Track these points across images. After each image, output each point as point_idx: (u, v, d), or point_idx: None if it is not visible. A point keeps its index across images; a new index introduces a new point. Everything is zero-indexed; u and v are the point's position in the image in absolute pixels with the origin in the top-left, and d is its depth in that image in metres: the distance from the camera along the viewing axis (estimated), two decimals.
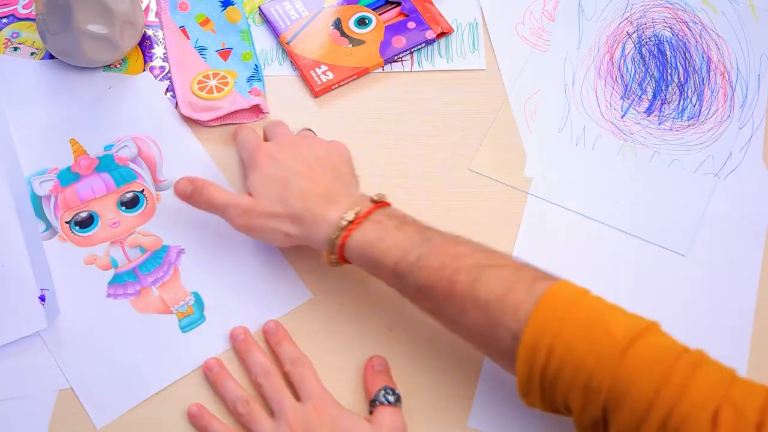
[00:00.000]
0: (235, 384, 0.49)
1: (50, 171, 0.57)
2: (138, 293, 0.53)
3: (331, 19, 0.66)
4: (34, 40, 0.65)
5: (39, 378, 0.50)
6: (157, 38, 0.65)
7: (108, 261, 0.54)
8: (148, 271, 0.54)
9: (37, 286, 0.52)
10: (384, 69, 0.64)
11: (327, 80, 0.63)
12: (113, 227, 0.55)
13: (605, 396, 0.38)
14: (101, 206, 0.56)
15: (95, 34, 0.59)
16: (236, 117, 0.61)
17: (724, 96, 0.62)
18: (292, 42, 0.65)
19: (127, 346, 0.52)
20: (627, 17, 0.66)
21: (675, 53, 0.64)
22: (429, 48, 0.66)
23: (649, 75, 0.64)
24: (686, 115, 0.62)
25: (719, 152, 0.60)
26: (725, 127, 0.61)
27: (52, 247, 0.55)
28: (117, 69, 0.63)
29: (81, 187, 0.57)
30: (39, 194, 0.56)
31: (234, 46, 0.64)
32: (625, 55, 0.65)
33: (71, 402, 0.50)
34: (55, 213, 0.56)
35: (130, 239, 0.55)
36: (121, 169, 0.57)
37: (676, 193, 0.58)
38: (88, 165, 0.57)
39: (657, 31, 0.66)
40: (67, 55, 0.61)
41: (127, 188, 0.56)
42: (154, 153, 0.58)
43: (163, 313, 0.52)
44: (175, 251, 0.54)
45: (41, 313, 0.51)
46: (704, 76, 0.63)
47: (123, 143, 0.58)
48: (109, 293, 0.53)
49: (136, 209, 0.56)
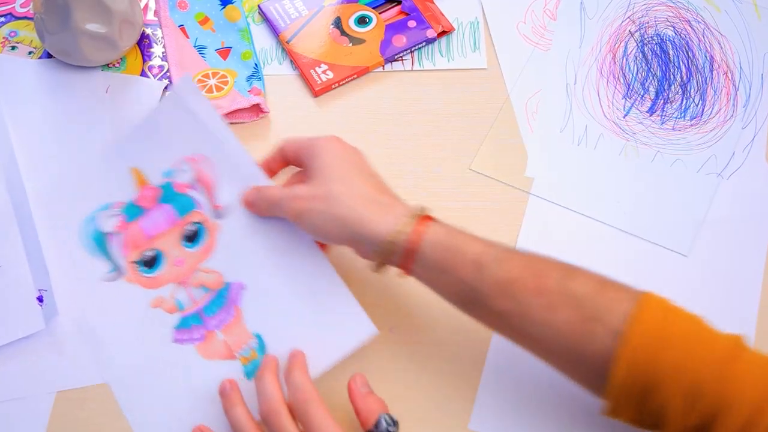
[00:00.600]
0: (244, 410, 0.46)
1: (115, 205, 0.54)
2: (203, 338, 0.51)
3: (331, 18, 0.66)
4: (32, 39, 0.64)
5: (37, 380, 0.50)
6: (156, 37, 0.65)
7: (174, 304, 0.52)
8: (213, 313, 0.51)
9: (35, 287, 0.52)
10: (384, 68, 0.64)
11: (327, 79, 0.62)
12: (178, 266, 0.52)
13: (710, 402, 0.37)
14: (166, 243, 0.53)
15: (94, 33, 0.58)
16: (236, 116, 0.61)
17: (727, 95, 0.62)
18: (291, 41, 0.65)
19: (193, 397, 0.49)
20: (629, 16, 0.66)
21: (678, 52, 0.64)
22: (430, 47, 0.65)
23: (652, 74, 0.63)
24: (689, 115, 0.61)
25: (722, 152, 0.60)
26: (728, 126, 0.61)
27: (119, 290, 0.52)
28: (115, 68, 0.63)
29: (146, 223, 0.53)
30: (104, 230, 0.54)
31: (233, 45, 0.64)
32: (627, 54, 0.64)
33: (69, 404, 0.50)
34: (123, 252, 0.53)
35: (194, 278, 0.52)
36: (181, 198, 0.53)
37: (678, 193, 0.58)
38: (153, 197, 0.54)
39: (659, 30, 0.65)
40: (65, 55, 0.60)
41: (188, 219, 0.53)
42: (209, 174, 0.53)
43: (227, 359, 0.50)
44: (237, 288, 0.51)
45: (39, 314, 0.51)
46: (707, 75, 0.63)
47: (180, 168, 0.54)
48: (176, 338, 0.51)
49: (197, 243, 0.52)
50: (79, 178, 0.56)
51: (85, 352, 0.51)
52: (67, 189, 0.56)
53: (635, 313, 0.39)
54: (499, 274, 0.42)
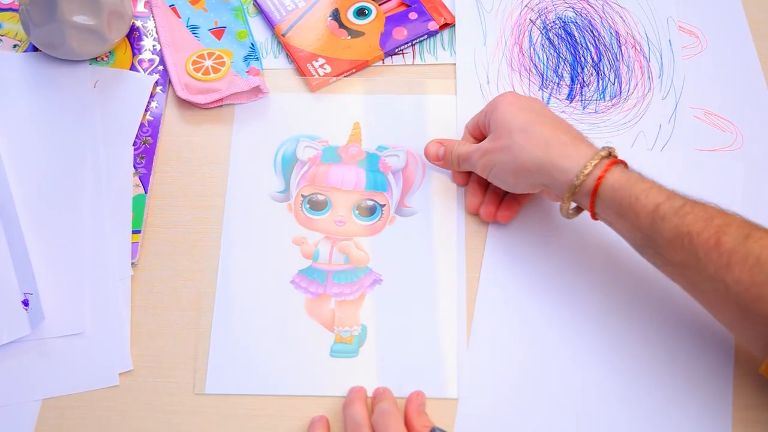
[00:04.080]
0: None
1: (320, 141, 0.58)
2: (317, 296, 0.52)
3: (328, 10, 0.65)
4: (17, 31, 0.64)
5: (22, 387, 0.50)
6: (146, 29, 0.64)
7: (312, 251, 0.54)
8: (339, 281, 0.53)
9: (20, 290, 0.51)
10: (384, 62, 0.63)
11: (324, 74, 0.61)
12: (338, 224, 0.55)
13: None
14: (340, 199, 0.55)
15: (81, 26, 0.58)
16: (235, 98, 0.60)
17: (640, 69, 0.61)
18: (287, 34, 0.63)
19: (274, 335, 0.51)
20: (526, 4, 0.65)
21: (583, 33, 0.63)
22: (431, 40, 0.64)
23: (562, 59, 0.62)
24: (608, 95, 0.60)
25: (649, 127, 0.58)
26: (648, 100, 0.60)
27: (276, 212, 0.55)
28: (104, 62, 0.62)
29: (335, 172, 0.56)
30: (298, 157, 0.57)
31: (227, 24, 0.63)
32: (533, 43, 0.63)
33: (55, 412, 0.49)
34: (300, 182, 0.56)
35: (344, 244, 0.54)
36: (379, 175, 0.56)
37: None
38: (355, 155, 0.57)
39: (559, 13, 0.64)
40: (51, 48, 0.60)
41: (372, 195, 0.56)
42: (417, 175, 0.56)
43: (325, 327, 0.51)
44: (373, 278, 0.53)
45: (25, 319, 0.50)
46: (616, 52, 0.62)
47: (396, 152, 0.57)
48: (293, 279, 0.53)
49: (367, 219, 0.55)
50: (5, 140, 0.57)
51: (72, 359, 0.50)
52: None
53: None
54: (678, 226, 0.43)
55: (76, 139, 0.58)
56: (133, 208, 0.55)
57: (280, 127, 0.59)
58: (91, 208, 0.55)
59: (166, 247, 0.55)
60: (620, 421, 0.48)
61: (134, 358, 0.51)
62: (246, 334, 0.51)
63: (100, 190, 0.56)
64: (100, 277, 0.53)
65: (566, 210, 0.48)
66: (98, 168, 0.57)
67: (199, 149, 0.59)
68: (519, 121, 0.49)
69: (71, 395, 0.50)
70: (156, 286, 0.53)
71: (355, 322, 0.51)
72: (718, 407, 0.48)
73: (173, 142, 0.59)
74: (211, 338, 0.51)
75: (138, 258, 0.54)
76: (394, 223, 0.55)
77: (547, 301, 0.51)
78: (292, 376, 0.50)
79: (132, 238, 0.54)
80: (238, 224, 0.55)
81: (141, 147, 0.58)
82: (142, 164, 0.57)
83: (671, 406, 0.48)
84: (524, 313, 0.51)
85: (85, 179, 0.56)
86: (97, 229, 0.54)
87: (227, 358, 0.50)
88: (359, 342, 0.51)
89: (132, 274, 0.53)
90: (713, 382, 0.48)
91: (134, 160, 0.57)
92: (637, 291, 0.51)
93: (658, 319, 0.50)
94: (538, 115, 0.49)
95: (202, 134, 0.59)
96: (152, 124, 0.59)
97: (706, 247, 0.42)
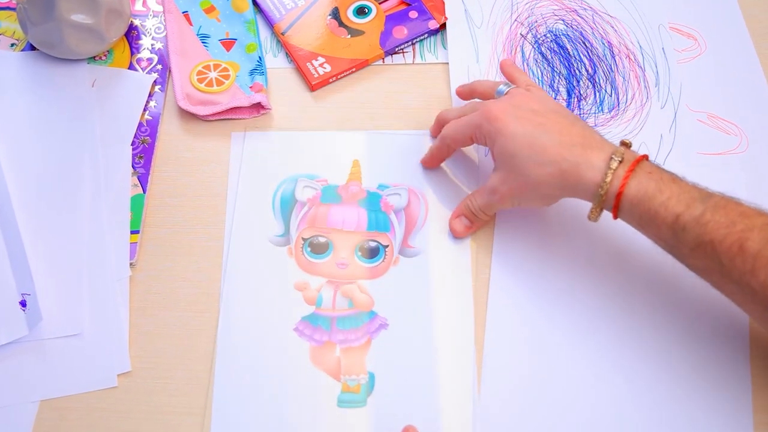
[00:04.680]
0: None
1: (319, 180, 0.56)
2: (322, 344, 0.50)
3: (328, 9, 0.65)
4: (14, 30, 0.63)
5: (20, 388, 0.49)
6: (145, 28, 0.64)
7: (315, 296, 0.52)
8: (344, 328, 0.51)
9: (17, 291, 0.51)
10: (384, 61, 0.63)
11: (324, 73, 0.61)
12: (340, 268, 0.53)
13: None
14: (341, 241, 0.53)
15: (79, 25, 0.58)
16: (235, 112, 0.60)
17: (636, 78, 0.61)
18: (287, 32, 0.63)
19: (278, 386, 0.49)
20: (516, 18, 0.64)
21: (575, 45, 0.62)
22: (432, 39, 0.64)
23: (557, 73, 0.61)
24: (606, 107, 0.60)
25: (650, 137, 0.58)
26: (647, 110, 0.59)
27: (278, 256, 0.53)
28: (102, 61, 0.62)
29: (336, 212, 0.54)
30: (297, 197, 0.55)
31: (238, 36, 0.63)
32: (526, 58, 0.62)
33: (53, 413, 0.49)
34: (300, 224, 0.54)
35: (347, 288, 0.52)
36: (381, 215, 0.54)
37: None
38: (356, 194, 0.55)
39: (550, 26, 0.64)
40: (49, 47, 0.59)
41: (374, 236, 0.54)
42: (420, 214, 0.55)
43: (331, 377, 0.49)
44: (379, 323, 0.51)
45: (22, 320, 0.50)
46: (611, 63, 0.61)
47: (398, 190, 0.55)
48: (297, 327, 0.51)
49: (370, 261, 0.53)
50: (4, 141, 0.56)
51: (70, 360, 0.50)
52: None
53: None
54: (699, 236, 0.43)
55: (74, 139, 0.58)
56: (132, 209, 0.55)
57: (277, 166, 0.57)
58: (89, 208, 0.55)
59: (164, 248, 0.54)
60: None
61: (133, 359, 0.50)
62: (250, 384, 0.49)
63: (99, 190, 0.55)
64: (98, 277, 0.52)
65: (595, 218, 0.48)
66: (96, 168, 0.56)
67: (198, 149, 0.58)
68: (525, 151, 0.47)
69: (69, 396, 0.49)
70: (155, 286, 0.53)
71: (362, 370, 0.50)
72: (738, 411, 0.47)
73: (172, 141, 0.59)
74: (214, 390, 0.49)
75: (136, 258, 0.54)
76: (398, 265, 0.53)
77: (560, 342, 0.50)
78: (298, 428, 0.48)
79: (130, 238, 0.54)
80: (237, 272, 0.53)
81: (139, 146, 0.58)
82: (141, 164, 0.57)
83: (691, 411, 0.47)
84: (536, 354, 0.49)
85: (83, 179, 0.56)
86: (95, 230, 0.54)
87: (231, 410, 0.49)
88: (367, 391, 0.49)
89: (130, 274, 0.53)
90: (732, 385, 0.48)
91: (132, 160, 0.57)
92: (652, 300, 0.50)
93: (673, 325, 0.50)
94: (539, 130, 0.47)
95: (201, 133, 0.59)
96: (150, 124, 0.59)
97: (729, 254, 0.42)
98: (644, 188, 0.44)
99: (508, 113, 0.49)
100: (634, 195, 0.45)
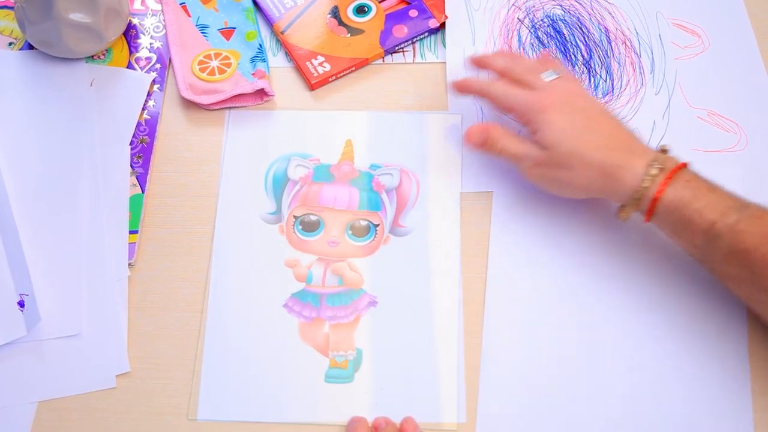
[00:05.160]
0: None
1: (312, 159, 0.57)
2: (311, 320, 0.51)
3: (328, 7, 0.64)
4: (12, 29, 0.63)
5: (18, 389, 0.49)
6: (144, 27, 0.64)
7: (305, 273, 0.53)
8: (333, 305, 0.52)
9: (16, 291, 0.51)
10: (384, 60, 0.63)
11: (324, 72, 0.61)
12: (331, 245, 0.53)
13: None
14: (332, 219, 0.54)
15: (78, 24, 0.57)
16: (239, 100, 0.60)
17: (632, 65, 0.61)
18: (286, 31, 0.63)
19: (267, 361, 0.50)
20: (513, 3, 0.64)
21: (572, 30, 0.63)
22: (432, 38, 0.64)
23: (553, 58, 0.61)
24: (600, 92, 0.60)
25: (643, 123, 0.58)
26: (641, 96, 0.60)
27: (267, 234, 0.54)
28: (101, 60, 0.62)
29: (328, 191, 0.55)
30: (289, 176, 0.56)
31: (237, 25, 0.63)
32: (523, 42, 0.62)
33: (51, 414, 0.49)
34: (291, 202, 0.55)
35: (337, 266, 0.53)
36: (372, 195, 0.55)
37: None
38: (348, 173, 0.56)
39: (547, 11, 0.64)
40: (47, 46, 0.59)
41: (365, 215, 0.54)
42: (411, 194, 0.55)
43: (319, 352, 0.50)
44: (368, 300, 0.52)
45: (20, 320, 0.50)
46: (606, 48, 0.62)
47: (389, 170, 0.56)
48: (287, 303, 0.52)
49: (361, 240, 0.53)
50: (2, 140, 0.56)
51: (69, 360, 0.50)
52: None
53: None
54: (732, 244, 0.44)
55: (72, 139, 0.57)
56: (130, 208, 0.55)
57: (270, 144, 0.57)
58: (88, 208, 0.55)
59: (163, 248, 0.54)
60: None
61: (131, 359, 0.50)
62: (238, 360, 0.50)
63: (97, 190, 0.55)
64: (96, 277, 0.52)
65: (624, 218, 0.48)
66: (95, 167, 0.56)
67: (197, 148, 0.58)
68: (572, 147, 0.48)
69: (68, 397, 0.49)
70: (153, 287, 0.53)
71: (350, 346, 0.50)
72: (738, 411, 0.47)
73: (171, 141, 0.59)
74: (203, 364, 0.50)
75: (135, 259, 0.53)
76: (389, 243, 0.54)
77: (559, 336, 0.50)
78: (285, 403, 0.49)
79: (129, 238, 0.54)
80: (228, 248, 0.54)
81: (138, 146, 0.58)
82: (139, 164, 0.57)
83: (690, 411, 0.47)
84: (535, 349, 0.50)
85: (81, 179, 0.56)
86: (94, 230, 0.54)
87: (219, 384, 0.49)
88: (354, 367, 0.50)
89: (129, 274, 0.53)
90: (732, 385, 0.48)
91: (131, 160, 0.57)
92: (653, 297, 0.51)
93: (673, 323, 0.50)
94: (587, 128, 0.48)
95: (200, 133, 0.59)
96: (149, 123, 0.59)
97: (761, 263, 0.43)
98: (680, 195, 0.45)
99: (558, 108, 0.49)
100: (670, 201, 0.45)
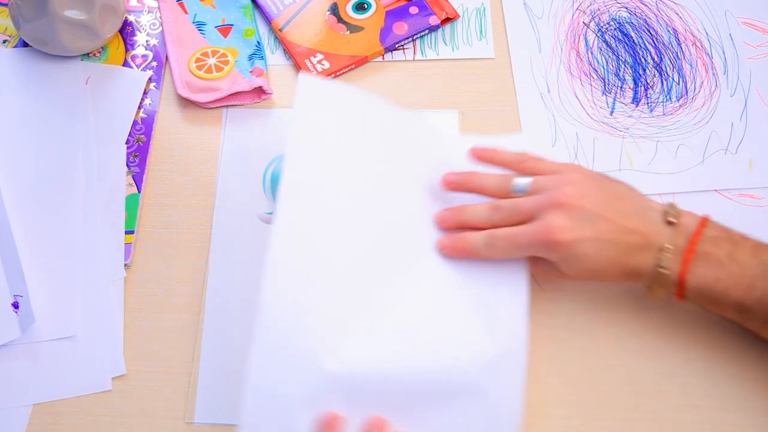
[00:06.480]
0: None
1: None
2: None
3: (327, 4, 0.64)
4: (6, 26, 0.63)
5: (13, 392, 0.49)
6: (140, 25, 0.64)
7: None
8: None
9: (10, 292, 0.50)
10: (384, 58, 0.62)
11: (323, 70, 0.61)
12: None
13: None
14: None
15: (73, 21, 0.57)
16: (237, 98, 0.59)
17: (704, 66, 0.60)
18: (285, 28, 0.63)
19: None
20: (577, 7, 0.64)
21: (639, 32, 0.62)
22: (433, 35, 0.63)
23: (622, 62, 0.61)
24: (674, 95, 0.59)
25: (720, 126, 0.57)
26: (716, 98, 0.59)
27: (267, 234, 0.51)
28: (96, 58, 0.61)
29: None
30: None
31: (235, 22, 0.63)
32: (590, 47, 0.62)
33: (46, 418, 0.48)
34: None
35: None
36: None
37: (695, 179, 0.55)
38: None
39: (613, 14, 0.63)
40: (42, 43, 0.59)
41: None
42: None
43: None
44: None
45: (15, 322, 0.50)
46: (677, 50, 0.61)
47: None
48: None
49: None
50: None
51: (64, 363, 0.50)
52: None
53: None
54: (765, 314, 0.44)
55: (67, 137, 0.57)
56: (126, 208, 0.54)
57: (268, 143, 0.57)
58: (83, 207, 0.54)
59: (160, 248, 0.54)
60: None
61: (127, 361, 0.50)
62: (236, 362, 0.49)
63: (93, 190, 0.55)
64: (92, 278, 0.52)
65: (655, 297, 0.46)
66: (90, 167, 0.56)
67: (194, 147, 0.58)
68: (596, 261, 0.45)
69: (63, 400, 0.49)
70: (150, 288, 0.52)
71: None
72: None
73: (167, 139, 0.58)
74: (200, 366, 0.49)
75: (131, 259, 0.53)
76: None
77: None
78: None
79: (125, 238, 0.53)
80: (226, 248, 0.53)
81: (134, 145, 0.57)
82: (135, 163, 0.56)
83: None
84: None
85: (76, 178, 0.55)
86: (89, 230, 0.53)
87: (217, 387, 0.49)
88: None
89: (125, 275, 0.52)
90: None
91: (127, 159, 0.56)
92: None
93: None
94: (608, 244, 0.45)
95: (197, 132, 0.59)
96: (146, 122, 0.58)
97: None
98: (701, 282, 0.44)
99: (572, 233, 0.45)
100: (692, 289, 0.45)
